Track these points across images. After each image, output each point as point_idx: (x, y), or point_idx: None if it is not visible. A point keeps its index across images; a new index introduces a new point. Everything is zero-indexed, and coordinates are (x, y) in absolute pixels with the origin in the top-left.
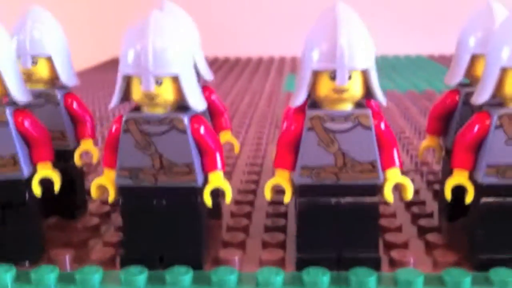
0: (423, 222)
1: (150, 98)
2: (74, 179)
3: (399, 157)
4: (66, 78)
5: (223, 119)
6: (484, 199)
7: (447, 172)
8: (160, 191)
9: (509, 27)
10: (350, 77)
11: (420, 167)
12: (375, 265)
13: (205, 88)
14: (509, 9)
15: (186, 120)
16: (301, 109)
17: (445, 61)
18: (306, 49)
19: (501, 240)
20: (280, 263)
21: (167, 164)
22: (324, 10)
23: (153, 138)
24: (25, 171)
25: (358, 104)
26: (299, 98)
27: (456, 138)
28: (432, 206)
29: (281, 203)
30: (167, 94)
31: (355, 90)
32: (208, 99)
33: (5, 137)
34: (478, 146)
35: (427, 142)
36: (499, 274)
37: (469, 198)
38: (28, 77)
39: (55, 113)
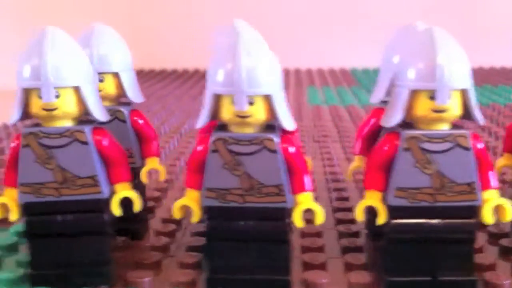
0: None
1: (243, 117)
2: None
3: (495, 179)
4: (133, 94)
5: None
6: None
7: None
8: (248, 211)
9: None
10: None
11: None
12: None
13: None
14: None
15: (276, 140)
16: (393, 130)
17: None
18: (402, 67)
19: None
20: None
21: (255, 184)
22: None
23: (242, 158)
24: (106, 191)
25: (455, 125)
26: (396, 118)
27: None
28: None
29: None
30: (259, 113)
31: (454, 109)
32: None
33: (84, 157)
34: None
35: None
36: None
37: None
38: None
39: (123, 130)
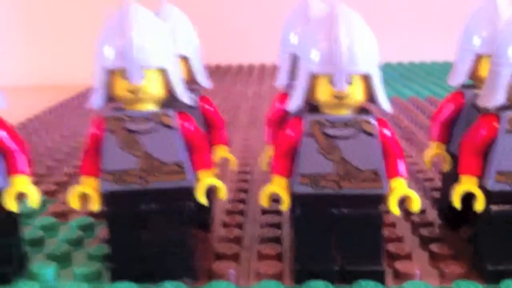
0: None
1: (340, 98)
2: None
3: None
4: (202, 79)
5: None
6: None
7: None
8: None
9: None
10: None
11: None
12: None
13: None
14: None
15: (373, 122)
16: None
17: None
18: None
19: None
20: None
21: (352, 170)
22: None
23: (338, 142)
24: (191, 179)
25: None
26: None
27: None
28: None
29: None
30: (357, 94)
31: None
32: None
33: (170, 142)
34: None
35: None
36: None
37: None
38: None
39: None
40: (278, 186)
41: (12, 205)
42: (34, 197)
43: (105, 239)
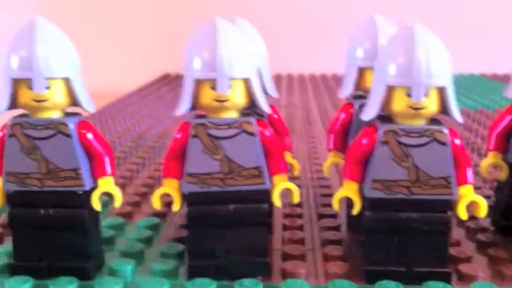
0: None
1: (417, 109)
2: None
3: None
4: (270, 89)
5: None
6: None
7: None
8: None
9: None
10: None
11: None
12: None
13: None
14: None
15: (446, 132)
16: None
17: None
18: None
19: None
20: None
21: (422, 176)
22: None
23: (410, 150)
24: (268, 183)
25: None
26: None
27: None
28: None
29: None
30: (432, 105)
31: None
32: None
33: (251, 147)
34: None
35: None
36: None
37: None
38: None
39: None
40: (349, 190)
41: (97, 205)
42: (119, 198)
43: (177, 238)
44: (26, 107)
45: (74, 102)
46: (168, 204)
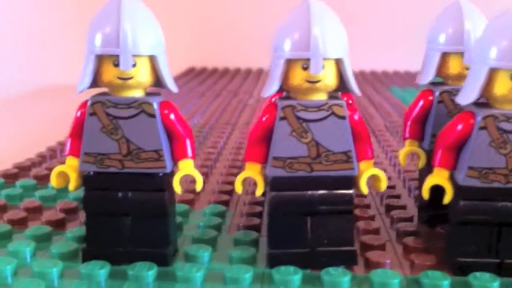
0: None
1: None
2: None
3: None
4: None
5: None
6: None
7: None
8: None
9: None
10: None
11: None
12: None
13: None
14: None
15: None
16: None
17: None
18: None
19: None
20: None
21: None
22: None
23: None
24: (356, 169)
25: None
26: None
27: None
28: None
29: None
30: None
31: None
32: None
33: (341, 131)
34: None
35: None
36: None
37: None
38: None
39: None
40: (441, 178)
41: (178, 188)
42: (200, 181)
43: (247, 226)
44: (109, 85)
45: (157, 81)
46: (230, 192)
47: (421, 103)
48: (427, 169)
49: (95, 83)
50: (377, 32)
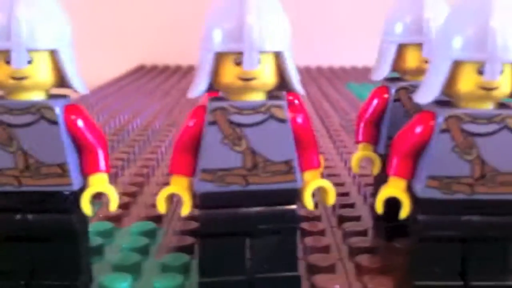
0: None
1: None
2: None
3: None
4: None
5: None
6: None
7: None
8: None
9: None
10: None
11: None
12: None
13: None
14: None
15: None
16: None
17: None
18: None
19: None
20: None
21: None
22: None
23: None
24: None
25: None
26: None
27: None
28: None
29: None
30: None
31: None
32: None
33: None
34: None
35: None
36: None
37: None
38: None
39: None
40: (396, 189)
41: (87, 208)
42: (115, 199)
43: (179, 247)
44: (1, 85)
45: (62, 81)
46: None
47: (375, 101)
48: (383, 176)
49: None
50: (336, 25)
